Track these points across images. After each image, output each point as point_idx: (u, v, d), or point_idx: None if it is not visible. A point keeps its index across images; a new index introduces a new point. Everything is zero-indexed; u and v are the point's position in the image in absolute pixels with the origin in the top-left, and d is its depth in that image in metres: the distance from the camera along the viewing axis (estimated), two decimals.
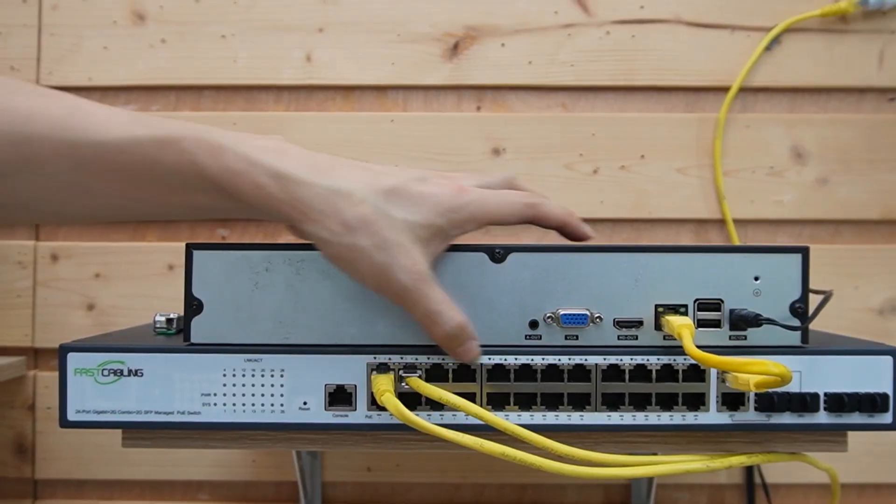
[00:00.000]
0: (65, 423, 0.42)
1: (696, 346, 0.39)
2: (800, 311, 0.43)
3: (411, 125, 0.77)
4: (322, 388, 0.42)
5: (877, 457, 0.75)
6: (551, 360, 0.42)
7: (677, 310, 0.43)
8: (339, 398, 0.42)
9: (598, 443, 0.44)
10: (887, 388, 0.42)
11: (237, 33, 0.77)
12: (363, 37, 0.77)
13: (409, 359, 0.42)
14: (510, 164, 0.77)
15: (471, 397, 0.42)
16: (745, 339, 0.43)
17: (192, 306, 0.43)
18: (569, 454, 0.40)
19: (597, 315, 0.43)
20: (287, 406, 0.42)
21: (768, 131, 0.77)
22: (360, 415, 0.42)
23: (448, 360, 0.42)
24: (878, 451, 0.75)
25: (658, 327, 0.43)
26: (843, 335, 0.50)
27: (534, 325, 0.43)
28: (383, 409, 0.41)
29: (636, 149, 0.77)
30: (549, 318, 0.43)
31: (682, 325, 0.41)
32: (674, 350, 0.43)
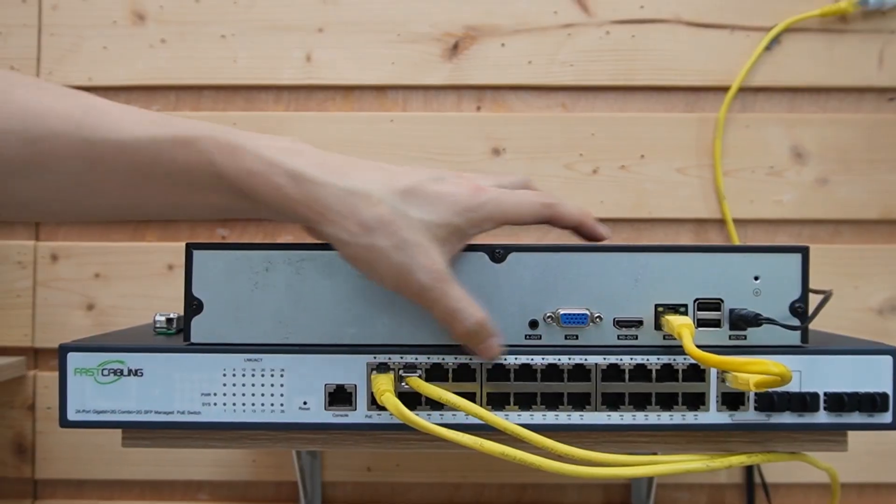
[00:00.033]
0: (65, 423, 0.42)
1: (696, 346, 0.39)
2: (800, 310, 0.43)
3: (411, 125, 0.77)
4: (322, 387, 0.42)
5: (877, 456, 0.75)
6: (551, 359, 0.42)
7: (677, 309, 0.43)
8: (339, 398, 0.42)
9: (598, 442, 0.44)
10: (887, 387, 0.42)
11: (237, 33, 0.77)
12: (363, 37, 0.77)
13: (408, 358, 0.42)
14: (510, 165, 0.77)
15: (471, 397, 0.42)
16: (744, 338, 0.43)
17: (192, 306, 0.43)
18: (569, 454, 0.40)
19: (597, 315, 0.43)
20: (287, 406, 0.42)
21: (768, 131, 0.77)
22: (359, 414, 0.42)
23: (448, 359, 0.42)
24: (878, 450, 0.75)
25: (658, 327, 0.43)
26: (843, 335, 0.50)
27: (534, 324, 0.43)
28: (383, 408, 0.41)
29: (636, 149, 0.77)
30: (548, 317, 0.43)
31: (682, 325, 0.41)
32: (674, 350, 0.43)
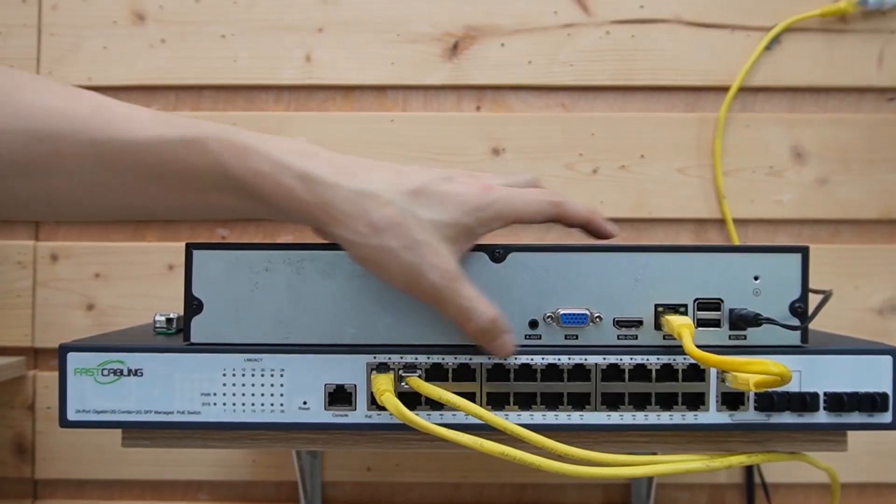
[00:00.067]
0: (65, 423, 0.42)
1: (696, 346, 0.39)
2: (799, 310, 0.43)
3: (411, 125, 0.77)
4: (322, 387, 0.42)
5: (877, 456, 0.75)
6: (551, 359, 0.42)
7: (677, 309, 0.43)
8: (339, 398, 0.42)
9: (598, 442, 0.44)
10: (887, 387, 0.42)
11: (237, 33, 0.77)
12: (363, 37, 0.77)
13: (408, 358, 0.42)
14: (510, 164, 0.77)
15: (470, 397, 0.42)
16: (744, 338, 0.43)
17: (192, 306, 0.43)
18: (568, 454, 0.40)
19: (596, 315, 0.43)
20: (287, 406, 0.42)
21: (768, 131, 0.77)
22: (359, 414, 0.42)
23: (448, 359, 0.42)
24: (878, 450, 0.75)
25: (658, 327, 0.43)
26: (843, 335, 0.50)
27: (533, 324, 0.43)
28: (383, 408, 0.41)
29: (636, 148, 0.77)
30: (548, 317, 0.43)
31: (682, 325, 0.41)
32: (673, 350, 0.43)
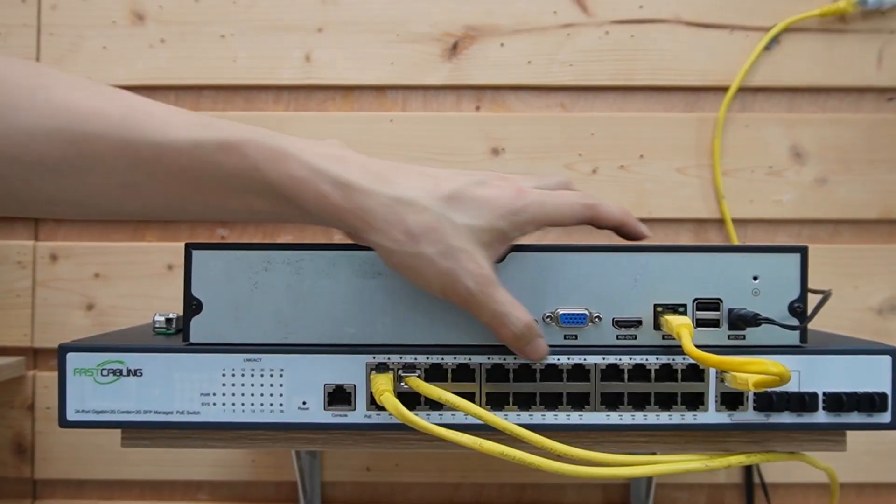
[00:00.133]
0: (64, 423, 0.42)
1: (695, 346, 0.39)
2: (799, 310, 0.43)
3: (411, 125, 0.77)
4: (321, 387, 0.42)
5: (876, 456, 0.75)
6: (550, 359, 0.42)
7: (676, 309, 0.43)
8: (339, 398, 0.42)
9: (598, 442, 0.44)
10: (886, 387, 0.42)
11: (237, 33, 0.77)
12: (363, 37, 0.77)
13: (408, 358, 0.42)
14: (510, 164, 0.77)
15: (470, 397, 0.42)
16: (743, 338, 0.43)
17: (192, 306, 0.43)
18: (568, 454, 0.40)
19: (596, 315, 0.43)
20: (286, 406, 0.42)
21: (767, 131, 0.77)
22: (359, 414, 0.42)
23: (447, 359, 0.42)
24: (877, 450, 0.75)
25: (657, 327, 0.43)
26: (842, 335, 0.50)
27: None
28: (382, 408, 0.41)
29: (635, 148, 0.77)
30: (548, 317, 0.43)
31: (681, 325, 0.41)
32: (673, 350, 0.43)
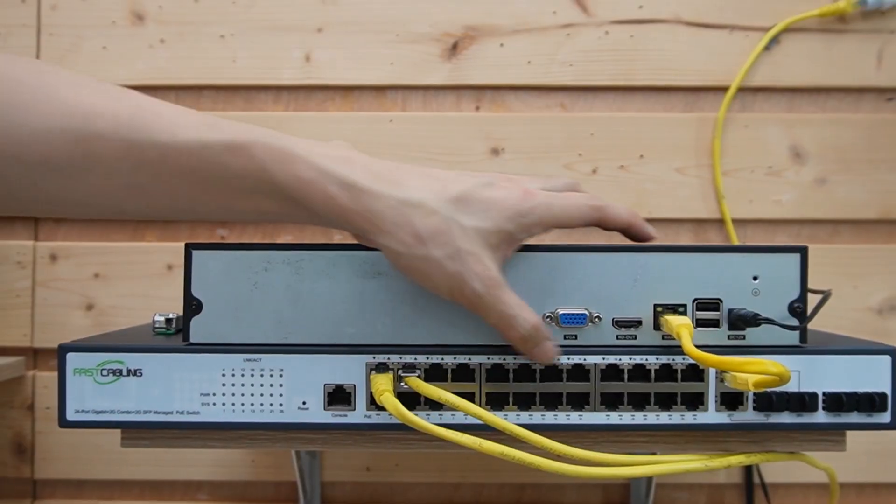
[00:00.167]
0: (64, 423, 0.42)
1: (695, 346, 0.39)
2: (798, 310, 0.43)
3: (410, 125, 0.77)
4: (321, 387, 0.42)
5: (875, 456, 0.75)
6: None
7: (676, 309, 0.43)
8: (338, 398, 0.42)
9: (597, 442, 0.44)
10: (885, 387, 0.42)
11: (236, 33, 0.77)
12: (362, 37, 0.77)
13: (408, 358, 0.42)
14: (509, 164, 0.77)
15: (470, 397, 0.42)
16: (743, 338, 0.43)
17: (192, 306, 0.43)
18: (568, 454, 0.40)
19: (596, 315, 0.43)
20: (286, 406, 0.42)
21: (767, 131, 0.77)
22: (359, 414, 0.42)
23: (447, 359, 0.42)
24: (877, 450, 0.75)
25: (657, 327, 0.43)
26: (842, 335, 0.50)
27: None
28: (382, 408, 0.41)
29: (635, 148, 0.77)
30: (548, 317, 0.43)
31: (681, 325, 0.41)
32: (672, 350, 0.43)
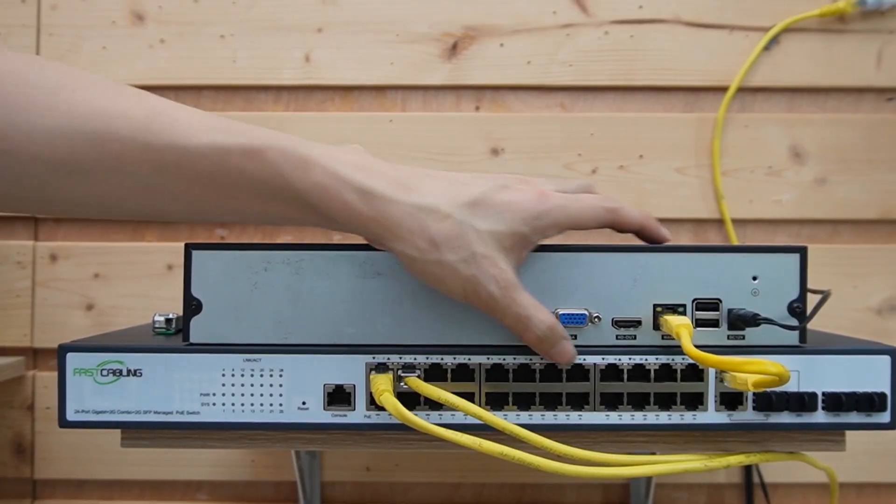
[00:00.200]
0: (64, 423, 0.42)
1: (695, 346, 0.39)
2: (798, 310, 0.43)
3: (410, 125, 0.77)
4: (321, 387, 0.42)
5: (875, 456, 0.75)
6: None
7: (675, 309, 0.43)
8: (338, 398, 0.42)
9: (597, 442, 0.44)
10: (885, 387, 0.42)
11: (236, 33, 0.77)
12: (362, 37, 0.77)
13: (407, 358, 0.42)
14: (509, 165, 0.77)
15: (469, 397, 0.42)
16: (743, 338, 0.43)
17: (191, 306, 0.43)
18: (567, 454, 0.40)
19: (595, 315, 0.43)
20: (286, 406, 0.42)
21: (767, 131, 0.77)
22: (358, 414, 0.42)
23: (447, 359, 0.42)
24: (877, 450, 0.75)
25: (656, 327, 0.43)
26: (842, 335, 0.50)
27: None
28: (382, 408, 0.41)
29: (635, 148, 0.77)
30: None
31: (681, 325, 0.41)
32: (672, 350, 0.43)
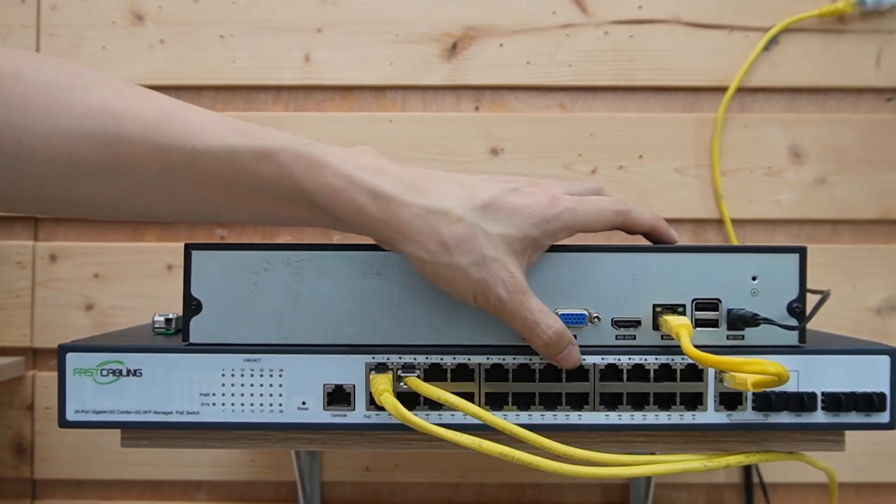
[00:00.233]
0: (64, 423, 0.42)
1: (694, 346, 0.39)
2: (797, 310, 0.43)
3: (410, 125, 0.77)
4: (321, 387, 0.42)
5: (874, 456, 0.75)
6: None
7: (675, 309, 0.43)
8: (338, 398, 0.42)
9: (597, 442, 0.44)
10: (884, 387, 0.42)
11: (236, 33, 0.77)
12: (362, 37, 0.77)
13: (407, 358, 0.42)
14: (509, 165, 0.77)
15: (469, 397, 0.42)
16: (742, 338, 0.43)
17: (191, 306, 0.43)
18: (567, 454, 0.40)
19: (595, 315, 0.43)
20: (286, 406, 0.42)
21: (766, 131, 0.77)
22: (358, 414, 0.42)
23: (446, 359, 0.42)
24: (876, 450, 0.75)
25: (656, 327, 0.43)
26: (841, 335, 0.50)
27: None
28: (382, 408, 0.41)
29: (634, 149, 0.77)
30: None
31: (680, 325, 0.41)
32: (672, 350, 0.43)
